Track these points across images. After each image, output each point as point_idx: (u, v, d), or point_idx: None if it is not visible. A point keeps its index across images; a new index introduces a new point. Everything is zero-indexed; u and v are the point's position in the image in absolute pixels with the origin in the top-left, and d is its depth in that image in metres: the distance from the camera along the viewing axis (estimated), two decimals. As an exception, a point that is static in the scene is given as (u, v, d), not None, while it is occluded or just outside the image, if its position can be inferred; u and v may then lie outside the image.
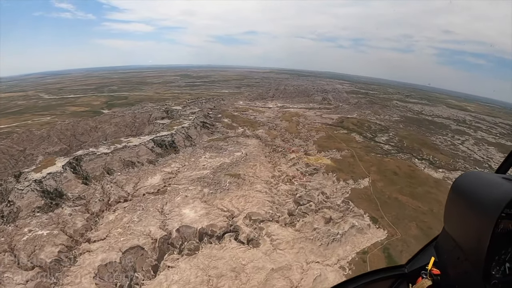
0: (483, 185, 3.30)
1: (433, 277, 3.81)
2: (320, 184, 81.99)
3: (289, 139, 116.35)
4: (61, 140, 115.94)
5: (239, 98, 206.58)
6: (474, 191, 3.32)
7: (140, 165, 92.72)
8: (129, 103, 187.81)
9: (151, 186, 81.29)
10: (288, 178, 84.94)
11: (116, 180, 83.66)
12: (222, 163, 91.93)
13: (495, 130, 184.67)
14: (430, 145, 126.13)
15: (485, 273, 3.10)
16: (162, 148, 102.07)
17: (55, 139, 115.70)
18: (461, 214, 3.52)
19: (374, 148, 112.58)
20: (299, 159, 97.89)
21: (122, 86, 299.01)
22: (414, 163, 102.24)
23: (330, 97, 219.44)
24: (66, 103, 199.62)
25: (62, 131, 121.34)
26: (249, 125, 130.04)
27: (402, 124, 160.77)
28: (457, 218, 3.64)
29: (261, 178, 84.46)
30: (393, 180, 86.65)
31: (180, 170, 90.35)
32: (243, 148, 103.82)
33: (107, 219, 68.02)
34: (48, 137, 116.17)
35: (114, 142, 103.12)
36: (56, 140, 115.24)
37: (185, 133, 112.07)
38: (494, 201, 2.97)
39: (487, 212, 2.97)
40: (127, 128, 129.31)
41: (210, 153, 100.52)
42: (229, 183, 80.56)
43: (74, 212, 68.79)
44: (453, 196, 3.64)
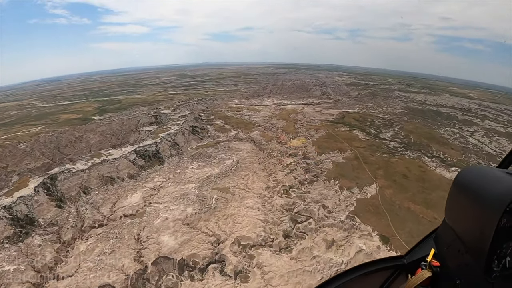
0: (487, 180, 3.19)
1: (433, 268, 3.72)
2: (321, 195, 70.33)
3: (286, 140, 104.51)
4: (43, 154, 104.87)
5: (235, 96, 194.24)
6: (478, 185, 3.22)
7: (120, 181, 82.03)
8: (122, 108, 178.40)
9: (129, 206, 70.63)
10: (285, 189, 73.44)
11: (92, 201, 73.28)
12: (210, 175, 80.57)
13: (502, 118, 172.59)
14: (439, 139, 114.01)
15: (487, 266, 3.04)
16: (145, 160, 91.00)
17: (38, 153, 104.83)
18: (464, 208, 3.45)
19: (380, 147, 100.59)
20: (297, 163, 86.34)
21: (118, 90, 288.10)
22: (424, 162, 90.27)
23: (330, 91, 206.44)
24: (59, 111, 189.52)
25: (45, 144, 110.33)
26: (243, 127, 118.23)
27: (406, 117, 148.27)
28: (460, 212, 3.56)
29: (253, 190, 72.96)
30: (404, 185, 74.82)
31: (164, 185, 79.31)
32: (234, 155, 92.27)
33: (78, 249, 57.73)
34: (31, 151, 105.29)
35: (93, 156, 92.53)
36: (38, 154, 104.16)
37: (171, 141, 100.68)
38: (499, 196, 2.91)
39: (492, 207, 2.91)
40: (113, 137, 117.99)
41: (198, 163, 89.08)
42: (215, 200, 69.28)
43: (44, 241, 58.81)
44: (455, 189, 3.54)
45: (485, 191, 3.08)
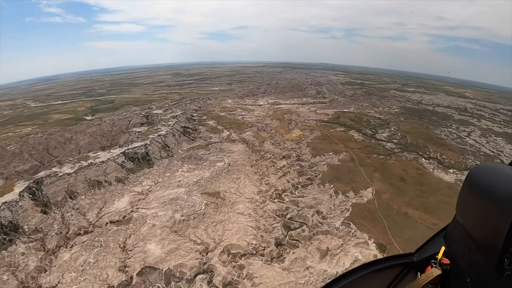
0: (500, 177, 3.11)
1: (443, 266, 3.64)
2: (315, 200, 67.26)
3: (280, 142, 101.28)
4: (32, 156, 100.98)
5: (228, 96, 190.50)
6: (490, 183, 3.15)
7: (107, 185, 78.70)
8: (115, 107, 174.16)
9: (116, 212, 67.32)
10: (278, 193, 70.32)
11: (78, 206, 69.87)
12: (200, 178, 77.30)
13: (498, 117, 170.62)
14: (436, 140, 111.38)
15: (498, 265, 2.94)
16: (134, 163, 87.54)
17: (26, 155, 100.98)
18: (475, 206, 3.38)
19: (376, 148, 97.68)
20: (291, 166, 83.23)
21: (111, 89, 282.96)
22: (421, 164, 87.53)
23: (325, 90, 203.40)
24: (51, 111, 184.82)
25: (34, 145, 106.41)
26: (235, 127, 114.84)
27: (403, 117, 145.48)
28: (471, 209, 3.51)
29: (244, 195, 69.79)
30: (401, 189, 71.94)
31: (152, 189, 75.99)
32: (226, 157, 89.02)
33: (61, 259, 54.42)
34: (20, 153, 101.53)
35: (81, 158, 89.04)
36: (27, 156, 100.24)
37: (161, 142, 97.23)
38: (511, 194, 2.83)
39: (504, 204, 2.83)
40: (103, 138, 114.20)
41: (188, 165, 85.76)
42: (205, 205, 66.05)
43: (28, 249, 55.72)
44: (467, 187, 3.48)
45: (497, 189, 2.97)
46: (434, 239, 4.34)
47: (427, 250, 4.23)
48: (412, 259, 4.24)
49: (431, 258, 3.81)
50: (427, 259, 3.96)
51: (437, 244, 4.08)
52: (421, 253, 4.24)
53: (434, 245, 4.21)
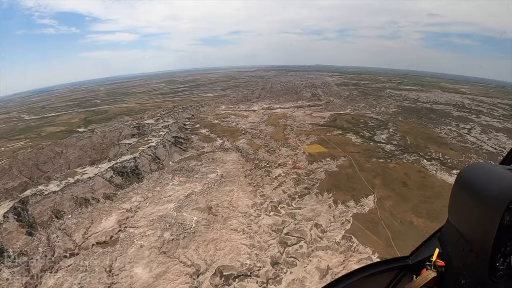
0: (489, 177, 3.15)
1: (438, 268, 3.69)
2: (313, 211, 62.64)
3: (275, 149, 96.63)
4: (21, 173, 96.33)
5: (222, 102, 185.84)
6: (480, 183, 3.19)
7: (95, 202, 74.04)
8: (108, 118, 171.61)
9: (103, 232, 62.59)
10: (273, 206, 65.69)
11: (65, 226, 65.12)
12: (191, 192, 72.59)
13: (497, 112, 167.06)
14: (436, 139, 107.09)
15: (491, 265, 3.01)
16: (123, 177, 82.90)
17: (15, 171, 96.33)
18: (466, 206, 3.42)
19: (375, 151, 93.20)
20: (287, 175, 78.69)
21: (105, 99, 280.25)
22: (423, 166, 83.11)
23: (320, 92, 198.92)
24: (45, 123, 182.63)
25: (24, 161, 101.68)
26: (229, 135, 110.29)
27: (401, 116, 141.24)
28: (462, 210, 3.53)
29: (238, 209, 65.15)
30: (404, 195, 67.43)
31: (141, 205, 71.34)
32: (219, 167, 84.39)
33: (46, 284, 50.06)
34: (9, 169, 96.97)
35: (68, 175, 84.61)
36: (16, 173, 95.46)
37: (151, 154, 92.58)
38: (501, 193, 2.87)
39: (494, 204, 2.87)
40: (93, 151, 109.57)
41: (180, 178, 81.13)
42: (196, 222, 61.36)
43: (13, 275, 51.22)
44: (458, 187, 3.50)
45: (487, 189, 3.01)
46: (429, 242, 4.26)
47: (422, 253, 4.17)
48: (407, 262, 4.21)
49: (426, 261, 3.82)
50: (422, 261, 3.96)
51: (432, 246, 4.03)
52: (416, 256, 4.20)
53: (429, 247, 4.14)
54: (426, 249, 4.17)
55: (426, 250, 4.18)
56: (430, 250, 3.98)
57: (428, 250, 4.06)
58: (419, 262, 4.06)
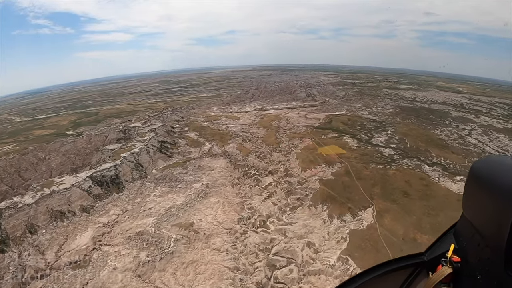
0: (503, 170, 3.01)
1: (453, 264, 3.54)
2: (306, 227, 55.67)
3: (266, 154, 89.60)
4: (2, 181, 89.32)
5: (214, 103, 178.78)
6: (493, 176, 3.05)
7: (71, 215, 67.24)
8: (98, 120, 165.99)
9: (76, 250, 55.93)
10: (262, 220, 58.72)
11: (38, 242, 58.47)
12: (173, 205, 65.64)
13: (496, 111, 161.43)
14: (437, 142, 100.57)
15: (506, 260, 2.90)
16: (102, 187, 75.96)
17: None
18: (480, 200, 3.28)
19: (373, 156, 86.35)
20: (277, 184, 71.77)
21: (98, 100, 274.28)
22: (425, 172, 76.42)
23: (315, 92, 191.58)
24: (34, 126, 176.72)
25: (5, 168, 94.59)
26: (218, 139, 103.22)
27: (398, 117, 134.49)
28: (477, 204, 3.39)
29: (223, 224, 58.18)
30: (406, 207, 60.57)
31: (119, 219, 64.55)
32: (205, 176, 77.40)
33: None
34: None
35: (44, 185, 77.24)
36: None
37: (134, 162, 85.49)
38: None
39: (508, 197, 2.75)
40: (77, 157, 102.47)
41: (162, 188, 74.13)
42: (175, 241, 54.49)
43: None
44: (471, 181, 3.38)
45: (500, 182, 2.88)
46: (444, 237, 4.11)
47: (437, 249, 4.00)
48: (422, 259, 4.03)
49: (441, 257, 3.69)
50: (437, 257, 3.81)
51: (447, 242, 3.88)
52: (432, 252, 4.02)
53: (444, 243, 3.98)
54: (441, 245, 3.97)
55: (441, 246, 3.97)
56: (446, 245, 3.81)
57: (444, 246, 3.88)
58: (435, 258, 3.85)
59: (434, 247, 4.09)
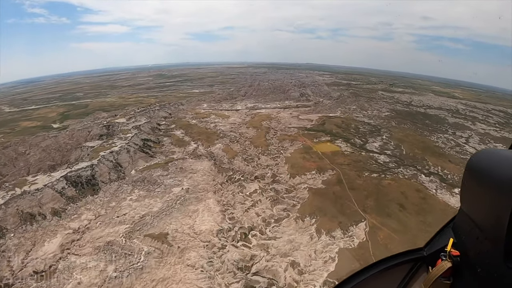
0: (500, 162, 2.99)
1: (453, 258, 3.53)
2: (291, 243, 49.92)
3: (254, 157, 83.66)
4: None
5: (205, 99, 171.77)
6: (491, 168, 3.04)
7: (41, 219, 61.16)
8: (86, 113, 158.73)
9: (42, 258, 49.90)
10: (243, 233, 52.95)
11: (5, 248, 52.54)
12: (148, 212, 59.51)
13: (492, 119, 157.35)
14: (434, 150, 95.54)
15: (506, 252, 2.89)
16: (76, 188, 69.68)
17: None
18: (478, 193, 3.27)
19: (367, 163, 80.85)
20: (263, 191, 65.99)
21: (89, 92, 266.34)
22: (422, 183, 71.18)
23: (309, 92, 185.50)
24: (22, 117, 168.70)
25: None
26: (205, 139, 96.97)
27: (394, 121, 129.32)
28: (474, 197, 3.38)
29: (200, 236, 52.23)
30: (401, 222, 55.10)
31: (91, 225, 58.48)
32: (186, 179, 71.28)
33: None
34: None
35: (17, 184, 70.98)
36: None
37: (113, 161, 79.16)
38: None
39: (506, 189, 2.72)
40: (57, 153, 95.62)
41: (139, 191, 67.96)
42: (146, 254, 48.47)
43: None
44: (469, 174, 3.35)
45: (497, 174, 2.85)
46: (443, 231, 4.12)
47: (436, 243, 4.04)
48: (422, 254, 4.07)
49: (441, 251, 3.70)
50: (437, 252, 3.83)
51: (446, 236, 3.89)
52: (431, 247, 4.06)
53: (443, 237, 4.00)
54: (440, 240, 3.99)
55: (440, 240, 3.99)
56: (444, 240, 3.81)
57: (442, 240, 3.90)
58: (434, 253, 3.88)
59: (433, 242, 4.06)
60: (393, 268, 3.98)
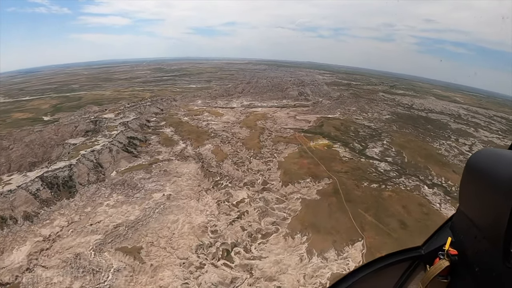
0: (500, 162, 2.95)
1: (451, 257, 3.47)
2: (278, 265, 43.86)
3: (245, 161, 77.40)
4: None
5: (200, 95, 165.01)
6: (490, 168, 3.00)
7: (12, 223, 56.33)
8: (79, 106, 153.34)
9: (9, 268, 44.90)
10: (225, 250, 46.91)
11: None
12: (124, 221, 53.49)
13: (494, 126, 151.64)
14: (437, 158, 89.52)
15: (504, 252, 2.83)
16: (52, 190, 64.08)
17: None
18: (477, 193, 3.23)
19: (367, 171, 74.67)
20: (251, 201, 59.84)
21: (85, 84, 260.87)
22: (425, 196, 65.21)
23: (308, 91, 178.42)
24: (15, 108, 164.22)
25: None
26: (194, 138, 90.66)
27: (395, 125, 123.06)
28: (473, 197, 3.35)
29: (177, 252, 46.22)
30: (402, 242, 48.86)
31: (62, 233, 52.86)
32: (169, 184, 65.17)
33: None
34: None
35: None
36: None
37: (94, 161, 73.15)
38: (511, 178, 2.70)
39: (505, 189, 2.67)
40: (40, 149, 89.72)
41: (118, 196, 61.93)
42: (115, 271, 42.65)
43: None
44: (468, 174, 3.34)
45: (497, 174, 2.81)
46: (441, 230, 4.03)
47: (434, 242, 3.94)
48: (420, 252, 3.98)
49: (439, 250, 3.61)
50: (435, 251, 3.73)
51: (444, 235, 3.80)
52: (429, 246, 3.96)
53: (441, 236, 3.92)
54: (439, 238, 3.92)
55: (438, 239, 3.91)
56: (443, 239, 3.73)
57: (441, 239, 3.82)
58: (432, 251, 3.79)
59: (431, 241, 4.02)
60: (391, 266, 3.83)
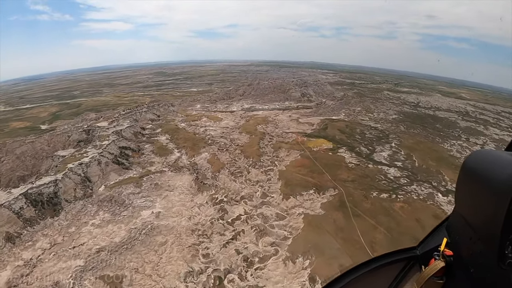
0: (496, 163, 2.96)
1: (446, 258, 3.51)
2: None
3: (243, 170, 71.31)
4: None
5: (200, 99, 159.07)
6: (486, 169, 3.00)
7: None
8: (78, 113, 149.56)
9: None
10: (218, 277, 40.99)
11: None
12: (108, 244, 47.83)
13: (503, 122, 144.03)
14: (449, 160, 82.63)
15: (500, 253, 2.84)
16: (36, 208, 58.89)
17: None
18: (472, 194, 3.23)
19: (375, 179, 68.20)
20: (249, 218, 53.87)
21: (86, 91, 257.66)
22: (439, 206, 58.77)
23: (311, 92, 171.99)
24: (14, 117, 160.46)
25: None
26: (190, 146, 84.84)
27: (403, 125, 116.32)
28: (469, 198, 3.35)
29: (164, 281, 40.35)
30: (418, 264, 43.16)
31: (44, 256, 47.69)
32: (160, 199, 59.37)
33: None
34: None
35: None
36: None
37: (81, 175, 67.66)
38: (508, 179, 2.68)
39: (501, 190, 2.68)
40: (31, 161, 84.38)
41: (104, 214, 56.26)
42: (88, 309, 37.01)
43: None
44: (464, 175, 3.31)
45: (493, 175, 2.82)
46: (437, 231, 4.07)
47: (430, 243, 3.99)
48: (415, 253, 4.04)
49: (434, 251, 3.66)
50: (430, 251, 3.79)
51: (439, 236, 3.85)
52: (424, 246, 4.02)
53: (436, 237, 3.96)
54: (434, 239, 3.96)
55: (433, 240, 3.96)
56: (438, 239, 3.77)
57: (436, 240, 3.87)
58: (427, 252, 3.84)
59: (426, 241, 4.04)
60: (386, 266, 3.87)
